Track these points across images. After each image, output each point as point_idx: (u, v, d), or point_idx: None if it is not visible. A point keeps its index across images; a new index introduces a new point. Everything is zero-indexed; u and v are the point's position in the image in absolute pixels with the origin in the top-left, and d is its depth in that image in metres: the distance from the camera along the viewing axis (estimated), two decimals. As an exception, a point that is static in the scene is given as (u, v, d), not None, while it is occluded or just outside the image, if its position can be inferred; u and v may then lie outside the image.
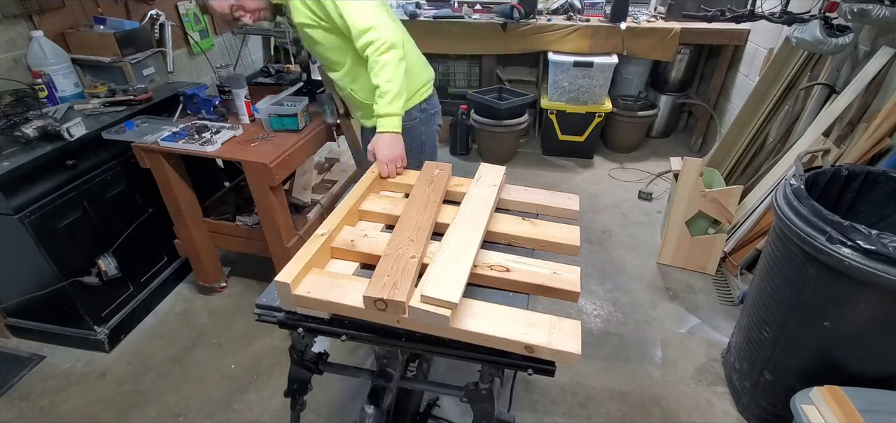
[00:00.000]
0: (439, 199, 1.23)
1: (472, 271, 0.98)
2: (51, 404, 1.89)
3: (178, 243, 2.22)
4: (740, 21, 2.68)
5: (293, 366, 1.22)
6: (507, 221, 1.21)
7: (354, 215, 1.23)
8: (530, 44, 3.34)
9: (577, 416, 1.79)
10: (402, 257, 0.98)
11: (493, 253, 1.08)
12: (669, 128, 3.96)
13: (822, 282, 1.38)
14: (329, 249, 1.09)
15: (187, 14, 2.81)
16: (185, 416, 1.83)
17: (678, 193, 2.36)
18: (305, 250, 1.02)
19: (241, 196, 2.41)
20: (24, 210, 1.71)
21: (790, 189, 1.47)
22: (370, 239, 1.12)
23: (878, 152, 1.93)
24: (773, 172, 2.30)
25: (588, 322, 2.19)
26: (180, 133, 1.88)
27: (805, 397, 1.34)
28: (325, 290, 0.95)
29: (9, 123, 1.84)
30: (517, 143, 3.78)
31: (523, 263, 1.05)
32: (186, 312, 2.32)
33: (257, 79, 2.53)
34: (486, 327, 0.88)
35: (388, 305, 0.87)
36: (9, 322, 2.15)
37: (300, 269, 0.96)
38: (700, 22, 3.04)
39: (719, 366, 1.96)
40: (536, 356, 0.87)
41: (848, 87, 2.10)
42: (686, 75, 3.66)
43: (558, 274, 1.02)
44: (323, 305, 0.94)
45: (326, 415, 1.81)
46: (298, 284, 0.96)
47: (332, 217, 1.16)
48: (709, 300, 2.29)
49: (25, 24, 2.05)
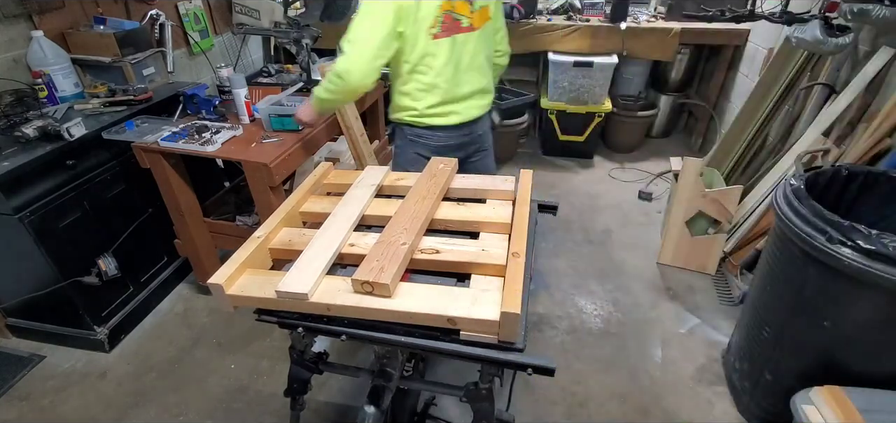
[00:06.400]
0: (439, 192, 1.25)
1: (412, 256, 1.04)
2: (51, 404, 1.89)
3: (178, 243, 2.22)
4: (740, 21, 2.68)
5: (293, 366, 1.23)
6: (446, 208, 1.25)
7: (295, 216, 1.28)
8: (530, 44, 3.34)
9: (577, 416, 1.79)
10: (393, 244, 1.02)
11: (427, 238, 1.12)
12: (669, 128, 3.96)
13: (822, 282, 1.38)
14: (267, 250, 1.13)
15: (187, 14, 2.81)
16: (185, 416, 1.83)
17: (678, 194, 2.36)
18: (240, 252, 1.07)
19: (241, 196, 2.41)
20: (24, 210, 1.71)
21: (790, 189, 1.47)
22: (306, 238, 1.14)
23: (878, 152, 1.93)
24: (773, 172, 2.30)
25: (588, 322, 2.19)
26: (180, 133, 1.88)
27: (805, 397, 1.34)
28: (257, 288, 1.00)
29: (9, 123, 1.84)
30: (517, 143, 3.78)
31: (454, 244, 1.09)
32: (186, 312, 2.32)
33: (257, 79, 2.54)
34: (411, 305, 0.92)
35: (374, 287, 0.93)
36: (9, 322, 2.15)
37: (234, 270, 1.01)
38: (700, 22, 3.04)
39: (719, 366, 1.96)
40: (458, 327, 0.91)
41: (848, 87, 2.10)
42: (686, 75, 3.66)
43: (486, 251, 1.05)
44: (254, 301, 1.00)
45: (326, 415, 1.81)
46: (232, 284, 1.01)
47: (271, 220, 1.20)
48: (709, 300, 2.29)
49: (25, 23, 2.05)
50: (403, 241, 1.03)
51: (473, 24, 1.66)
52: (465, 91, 1.73)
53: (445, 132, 1.77)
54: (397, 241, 1.04)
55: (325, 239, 1.08)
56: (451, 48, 1.63)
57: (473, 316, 0.89)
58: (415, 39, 1.57)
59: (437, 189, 1.25)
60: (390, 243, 1.03)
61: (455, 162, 1.39)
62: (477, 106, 1.80)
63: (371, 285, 0.93)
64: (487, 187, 1.31)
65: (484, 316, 0.89)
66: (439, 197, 1.25)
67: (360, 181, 1.35)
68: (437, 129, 1.76)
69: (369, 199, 1.27)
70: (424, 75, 1.66)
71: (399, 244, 1.02)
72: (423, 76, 1.66)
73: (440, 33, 1.59)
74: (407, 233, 1.06)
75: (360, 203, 1.23)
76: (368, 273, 0.94)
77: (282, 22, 2.28)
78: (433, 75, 1.65)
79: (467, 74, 1.71)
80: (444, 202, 1.27)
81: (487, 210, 1.22)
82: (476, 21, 1.67)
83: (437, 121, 1.74)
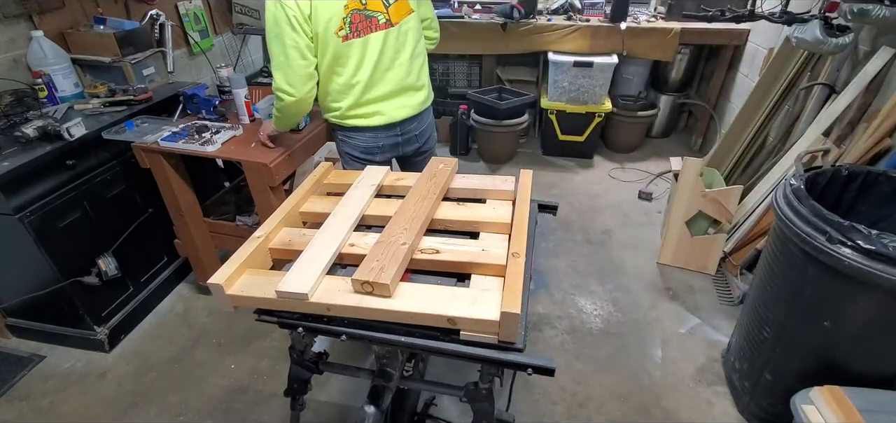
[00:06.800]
0: (439, 192, 1.25)
1: (412, 256, 1.04)
2: (51, 404, 1.89)
3: (178, 243, 2.22)
4: (740, 21, 2.68)
5: (293, 366, 1.23)
6: (445, 208, 1.25)
7: (295, 216, 1.28)
8: (530, 44, 3.34)
9: (577, 416, 1.79)
10: (393, 244, 1.03)
11: (427, 238, 1.12)
12: (669, 128, 3.96)
13: (822, 282, 1.38)
14: (267, 250, 1.13)
15: (187, 14, 2.81)
16: (185, 416, 1.83)
17: (678, 194, 2.36)
18: (240, 252, 1.07)
19: (241, 196, 2.41)
20: (24, 210, 1.71)
21: (790, 189, 1.47)
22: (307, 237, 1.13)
23: (878, 152, 1.93)
24: (773, 172, 2.30)
25: (588, 322, 2.19)
26: (180, 133, 1.88)
27: (805, 397, 1.34)
28: (257, 288, 1.00)
29: (9, 123, 1.84)
30: (517, 143, 3.78)
31: (454, 244, 1.09)
32: (186, 312, 2.32)
33: (257, 79, 2.54)
34: (411, 305, 0.92)
35: (374, 287, 0.93)
36: (9, 322, 2.15)
37: (234, 270, 1.01)
38: (700, 22, 3.03)
39: (719, 366, 1.96)
40: (458, 327, 0.91)
41: (848, 87, 2.10)
42: (686, 75, 3.66)
43: (486, 251, 1.05)
44: (254, 301, 1.00)
45: (326, 415, 1.81)
46: (232, 284, 1.01)
47: (271, 220, 1.20)
48: (709, 300, 2.29)
49: (25, 23, 2.05)
50: (403, 241, 1.03)
51: (391, 19, 1.62)
52: (386, 90, 1.68)
53: (371, 133, 1.73)
54: (397, 241, 1.04)
55: (325, 239, 1.08)
56: (363, 48, 1.59)
57: (473, 316, 0.89)
58: (325, 43, 1.55)
59: (437, 189, 1.25)
60: (390, 243, 1.03)
61: (455, 162, 1.38)
62: (405, 106, 1.75)
63: (371, 285, 0.93)
64: (487, 187, 1.32)
65: (484, 316, 0.89)
66: (439, 197, 1.25)
67: (360, 181, 1.35)
68: (361, 129, 1.72)
69: (369, 199, 1.27)
70: (340, 76, 1.63)
71: (399, 244, 1.02)
72: (339, 77, 1.63)
73: (350, 35, 1.56)
74: (407, 233, 1.06)
75: (360, 203, 1.23)
76: (368, 273, 0.94)
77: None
78: (348, 76, 1.62)
79: (390, 72, 1.67)
80: (443, 202, 1.27)
81: (487, 210, 1.22)
82: (394, 16, 1.62)
83: (360, 121, 1.71)
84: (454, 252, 1.06)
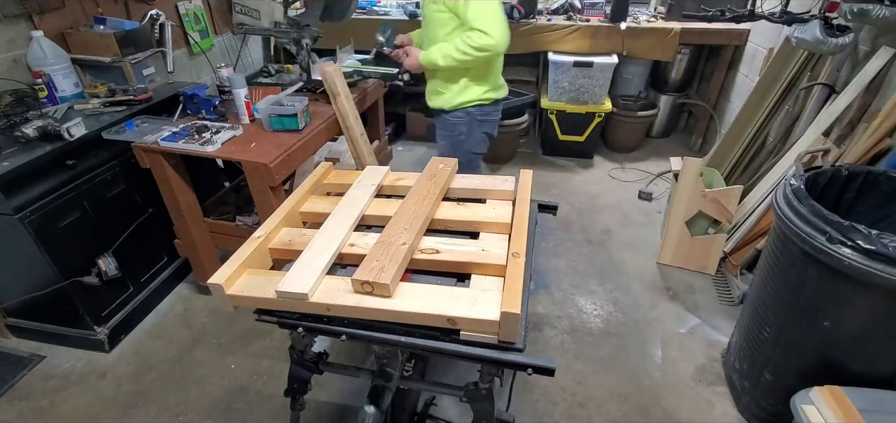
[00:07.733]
0: (438, 193, 1.25)
1: (412, 256, 1.05)
2: (51, 404, 1.89)
3: (178, 243, 2.22)
4: (740, 21, 2.68)
5: (293, 366, 1.23)
6: (445, 208, 1.26)
7: (295, 216, 1.28)
8: (530, 44, 3.34)
9: (577, 416, 1.79)
10: (393, 244, 1.03)
11: (427, 238, 1.12)
12: (669, 128, 3.96)
13: (822, 282, 1.38)
14: (267, 250, 1.14)
15: (187, 14, 2.81)
16: (185, 416, 1.83)
17: (678, 194, 2.36)
18: (240, 252, 1.07)
19: (241, 196, 2.41)
20: (24, 210, 1.71)
21: (790, 189, 1.47)
22: (306, 237, 1.14)
23: (878, 152, 1.93)
24: (773, 172, 2.30)
25: (588, 322, 2.19)
26: (180, 133, 1.87)
27: (805, 397, 1.34)
28: (257, 288, 1.00)
29: (9, 123, 1.84)
30: (517, 143, 3.78)
31: (454, 244, 1.09)
32: (186, 312, 2.32)
33: (257, 79, 2.54)
34: (411, 305, 0.93)
35: (374, 287, 0.93)
36: (9, 322, 2.15)
37: (234, 270, 1.01)
38: (700, 22, 3.03)
39: (719, 366, 1.96)
40: (458, 327, 0.91)
41: (848, 87, 2.10)
42: (686, 75, 3.66)
43: (486, 251, 1.05)
44: (254, 301, 1.00)
45: (326, 415, 1.81)
46: (232, 284, 1.01)
47: (271, 220, 1.20)
48: (709, 300, 2.29)
49: (25, 23, 2.05)
50: (403, 241, 1.04)
51: None
52: None
53: (498, 106, 2.10)
54: (397, 241, 1.04)
55: (325, 239, 1.08)
56: None
57: (473, 316, 0.89)
58: None
59: (436, 189, 1.25)
60: (390, 243, 1.03)
61: (455, 162, 1.39)
62: None
63: (371, 285, 0.93)
64: (487, 187, 1.32)
65: (484, 316, 0.89)
66: (439, 197, 1.25)
67: (359, 181, 1.35)
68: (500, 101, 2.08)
69: (369, 199, 1.27)
70: None
71: (399, 244, 1.02)
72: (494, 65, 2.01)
73: None
74: (407, 233, 1.06)
75: (360, 203, 1.23)
76: (368, 273, 0.94)
77: (282, 22, 2.27)
78: None
79: None
80: (443, 202, 1.27)
81: (487, 210, 1.23)
82: None
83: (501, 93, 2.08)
84: (454, 252, 1.07)
